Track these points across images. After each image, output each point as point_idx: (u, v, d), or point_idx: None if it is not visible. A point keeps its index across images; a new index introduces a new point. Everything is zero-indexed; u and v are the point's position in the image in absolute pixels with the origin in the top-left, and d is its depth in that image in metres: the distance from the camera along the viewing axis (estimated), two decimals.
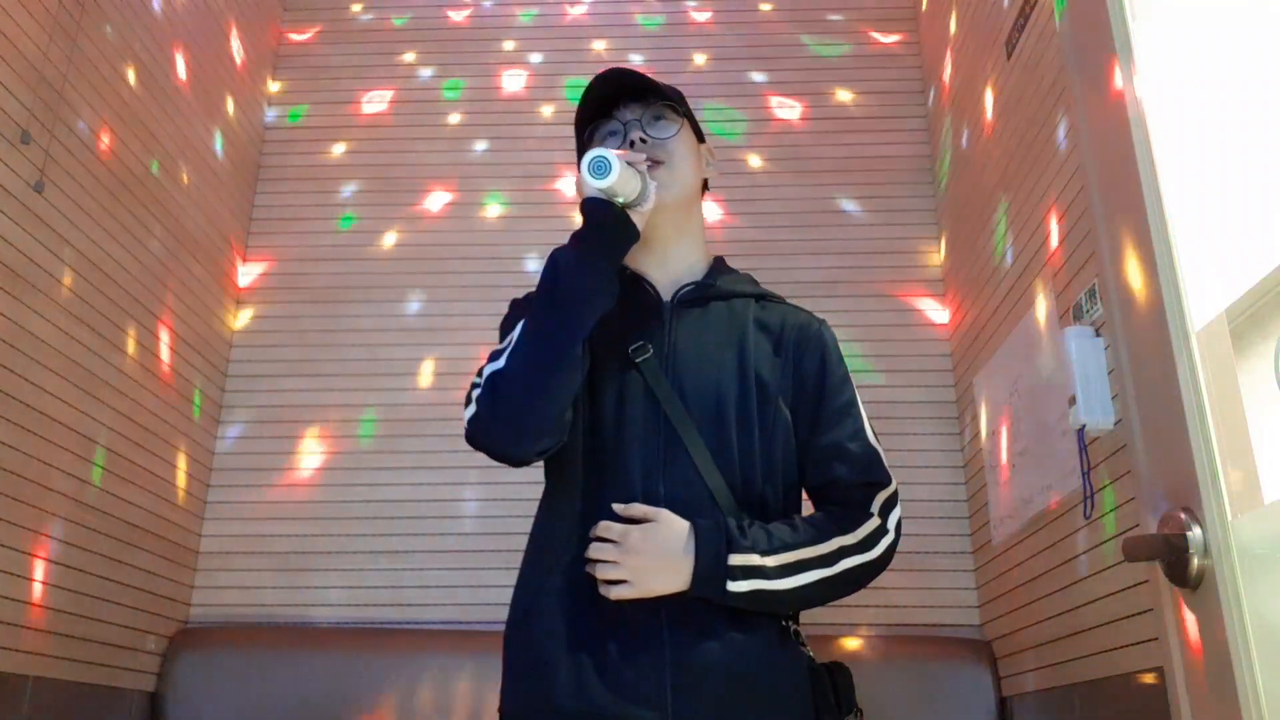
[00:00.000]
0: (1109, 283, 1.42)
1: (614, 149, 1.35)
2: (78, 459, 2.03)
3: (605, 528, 1.21)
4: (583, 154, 1.45)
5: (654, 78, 1.40)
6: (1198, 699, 1.20)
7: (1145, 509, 1.29)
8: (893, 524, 1.27)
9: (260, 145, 2.91)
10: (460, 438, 1.28)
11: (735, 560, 1.18)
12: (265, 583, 2.49)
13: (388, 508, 2.54)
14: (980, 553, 2.36)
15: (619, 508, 1.23)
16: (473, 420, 1.24)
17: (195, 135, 2.54)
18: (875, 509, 1.27)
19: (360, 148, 2.91)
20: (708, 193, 1.51)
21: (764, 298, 1.42)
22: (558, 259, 1.24)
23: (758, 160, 2.84)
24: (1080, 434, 1.67)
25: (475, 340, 2.65)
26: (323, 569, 2.49)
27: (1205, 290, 1.25)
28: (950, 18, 2.65)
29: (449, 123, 2.94)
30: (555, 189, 2.83)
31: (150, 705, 2.26)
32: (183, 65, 2.49)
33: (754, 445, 1.28)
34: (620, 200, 1.23)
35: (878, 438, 1.33)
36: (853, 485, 1.28)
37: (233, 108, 2.74)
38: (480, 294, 2.71)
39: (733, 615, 1.21)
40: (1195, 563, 1.15)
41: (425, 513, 2.54)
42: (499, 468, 2.62)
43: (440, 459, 2.56)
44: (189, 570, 2.47)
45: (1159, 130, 1.30)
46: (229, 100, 2.72)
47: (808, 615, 1.32)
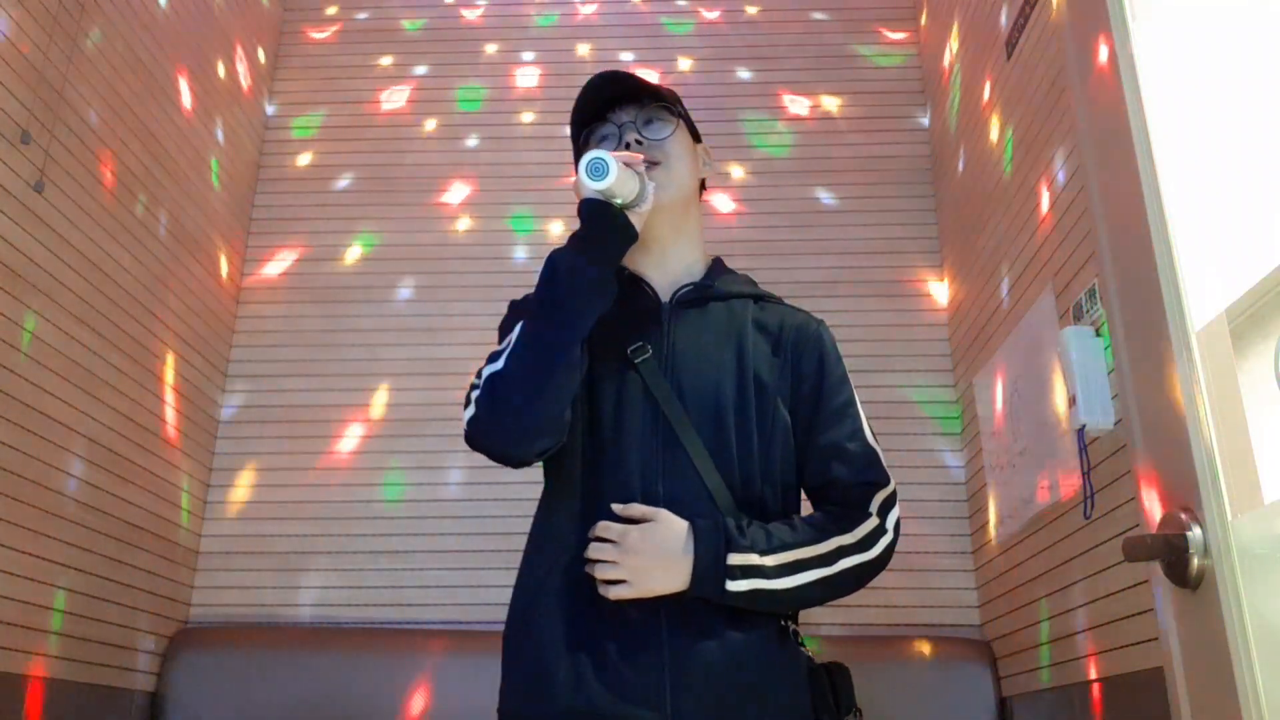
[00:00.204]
0: (1109, 283, 1.42)
1: (610, 151, 1.36)
2: (78, 459, 2.03)
3: (604, 528, 1.21)
4: (579, 157, 1.45)
5: (653, 78, 1.41)
6: (1198, 699, 1.20)
7: (1145, 509, 1.29)
8: (891, 524, 1.27)
9: (260, 145, 2.91)
10: (460, 437, 1.29)
11: (734, 560, 1.18)
12: (265, 583, 2.49)
13: (388, 508, 2.54)
14: (980, 553, 2.36)
15: (618, 508, 1.23)
16: (472, 422, 1.24)
17: (195, 135, 2.54)
18: (874, 509, 1.27)
19: (360, 148, 2.91)
20: (707, 191, 1.51)
21: (762, 298, 1.42)
22: (556, 260, 1.24)
23: (758, 160, 2.84)
24: (1080, 434, 1.67)
25: (475, 340, 2.65)
26: (323, 569, 2.49)
27: (1205, 290, 1.25)
28: (950, 18, 2.65)
29: (449, 123, 2.94)
30: (555, 189, 2.83)
31: (150, 705, 2.26)
32: (183, 66, 2.49)
33: (753, 445, 1.28)
34: (618, 201, 1.23)
35: (876, 438, 1.33)
36: (851, 485, 1.28)
37: (233, 108, 2.74)
38: (480, 294, 2.71)
39: (732, 615, 1.21)
40: (1195, 563, 1.15)
41: (425, 513, 2.54)
42: (499, 468, 2.62)
43: (440, 459, 2.56)
44: (189, 570, 2.47)
45: (1159, 130, 1.31)
46: (229, 100, 2.72)
47: (807, 615, 1.32)
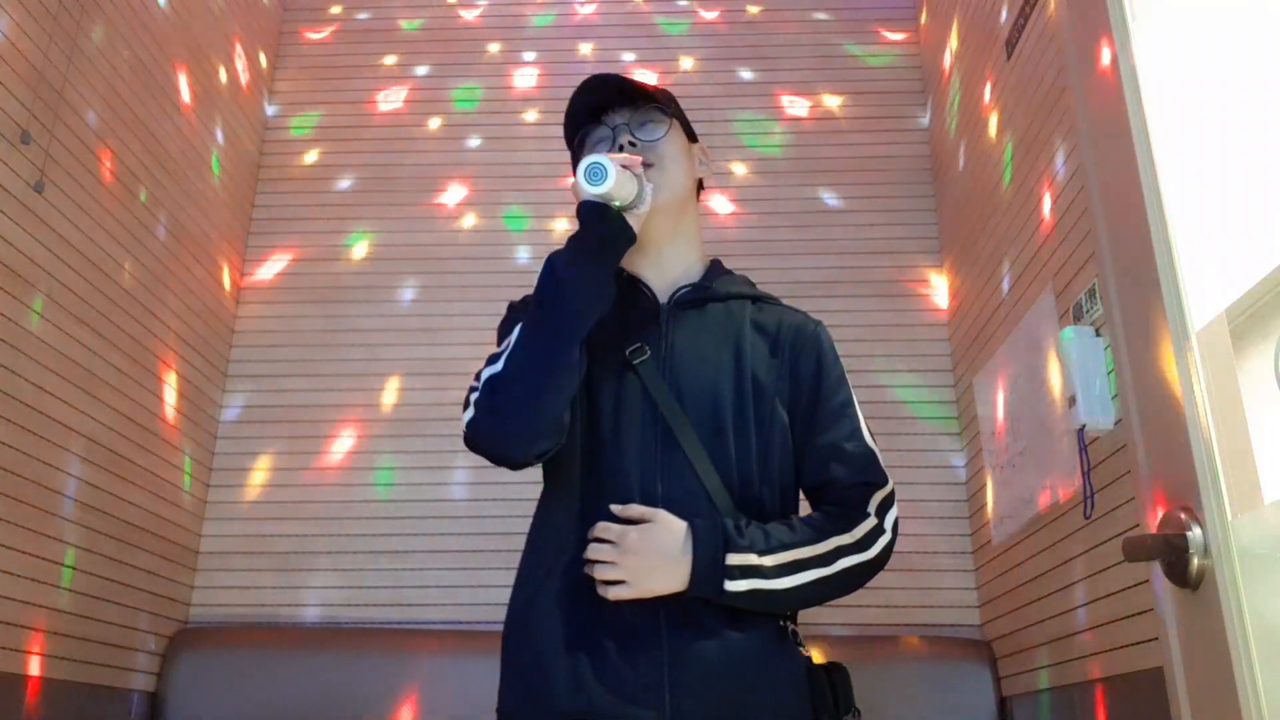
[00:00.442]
0: (1109, 283, 1.42)
1: (607, 154, 1.35)
2: (78, 459, 2.03)
3: (603, 528, 1.21)
4: (575, 159, 1.45)
5: (652, 79, 1.41)
6: (1198, 699, 1.20)
7: (1145, 509, 1.29)
8: (889, 523, 1.27)
9: (260, 145, 2.91)
10: (460, 437, 1.29)
11: (733, 560, 1.18)
12: (265, 583, 2.49)
13: (388, 508, 2.54)
14: (980, 553, 2.36)
15: (617, 508, 1.23)
16: (470, 424, 1.24)
17: (195, 135, 2.54)
18: (872, 509, 1.27)
19: (361, 148, 2.91)
20: (705, 191, 1.51)
21: (760, 299, 1.42)
22: (554, 262, 1.24)
23: (758, 160, 2.84)
24: (1080, 434, 1.67)
25: (475, 340, 2.65)
26: (323, 569, 2.49)
27: (1205, 290, 1.25)
28: (950, 18, 2.65)
29: (449, 123, 2.94)
30: (555, 189, 2.83)
31: (150, 705, 2.26)
32: (183, 65, 2.49)
33: (751, 446, 1.28)
34: (616, 204, 1.23)
35: (874, 438, 1.33)
36: (849, 485, 1.28)
37: (233, 108, 2.74)
38: (480, 294, 2.71)
39: (731, 615, 1.21)
40: (1195, 563, 1.15)
41: (425, 513, 2.54)
42: (499, 468, 2.62)
43: (440, 459, 2.56)
44: (189, 570, 2.47)
45: (1159, 130, 1.31)
46: (229, 100, 2.72)
47: (807, 615, 1.32)
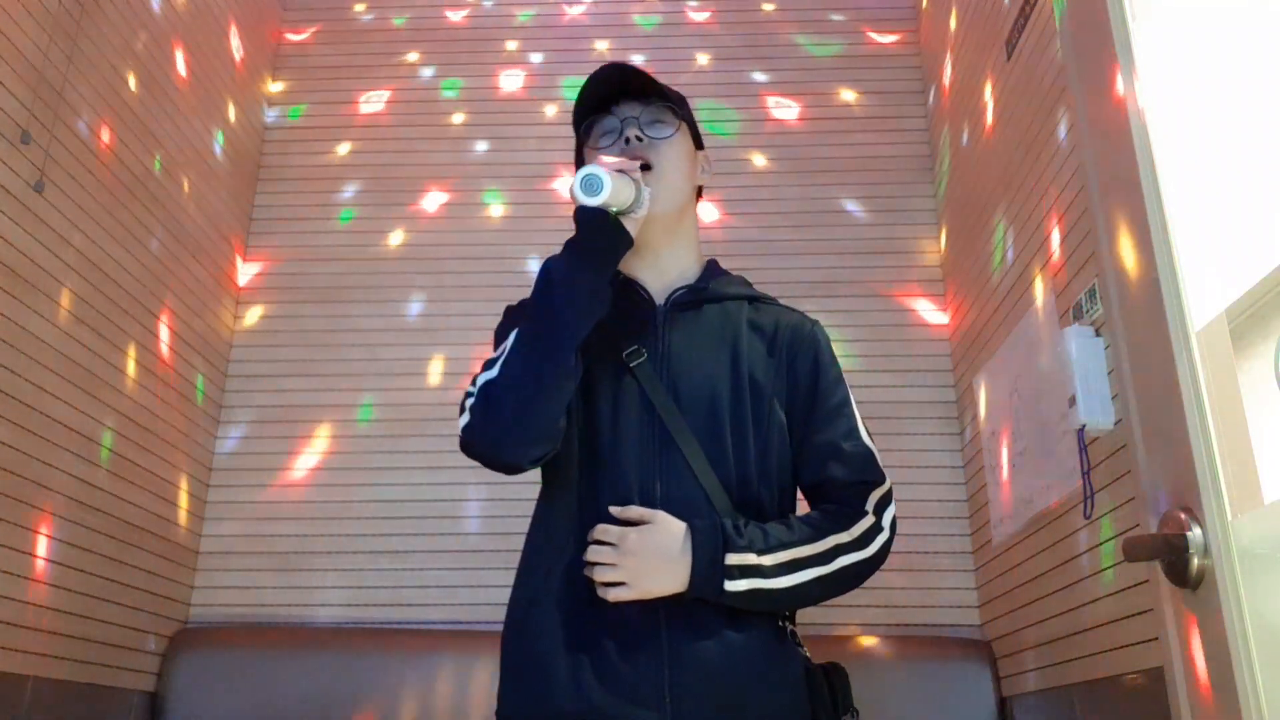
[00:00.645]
0: (1109, 283, 1.42)
1: (609, 148, 1.35)
2: (78, 459, 2.03)
3: (603, 530, 1.22)
4: (580, 149, 1.45)
5: (654, 78, 1.41)
6: (1198, 699, 1.20)
7: (1145, 509, 1.29)
8: (887, 521, 1.28)
9: (260, 145, 2.91)
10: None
11: (732, 560, 1.18)
12: (265, 583, 2.49)
13: (388, 508, 2.54)
14: (980, 553, 2.36)
15: (616, 510, 1.23)
16: (467, 429, 1.24)
17: (195, 135, 2.54)
18: (870, 507, 1.27)
19: (360, 148, 2.91)
20: (703, 194, 1.51)
21: (757, 299, 1.42)
22: (550, 268, 1.25)
23: (758, 160, 2.84)
24: (1080, 434, 1.67)
25: (475, 340, 2.65)
26: (323, 569, 2.49)
27: (1205, 290, 1.25)
28: (950, 18, 2.65)
29: (449, 122, 2.94)
30: (555, 189, 2.83)
31: (150, 705, 2.26)
32: (183, 65, 2.49)
33: (749, 446, 1.29)
34: (614, 209, 1.23)
35: (872, 436, 1.34)
36: (847, 484, 1.29)
37: (233, 108, 2.74)
38: (480, 294, 2.71)
39: (731, 616, 1.21)
40: (1195, 563, 1.15)
41: (425, 513, 2.54)
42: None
43: (441, 459, 2.56)
44: (189, 570, 2.47)
45: (1159, 130, 1.31)
46: (229, 100, 2.72)
47: (807, 615, 1.32)
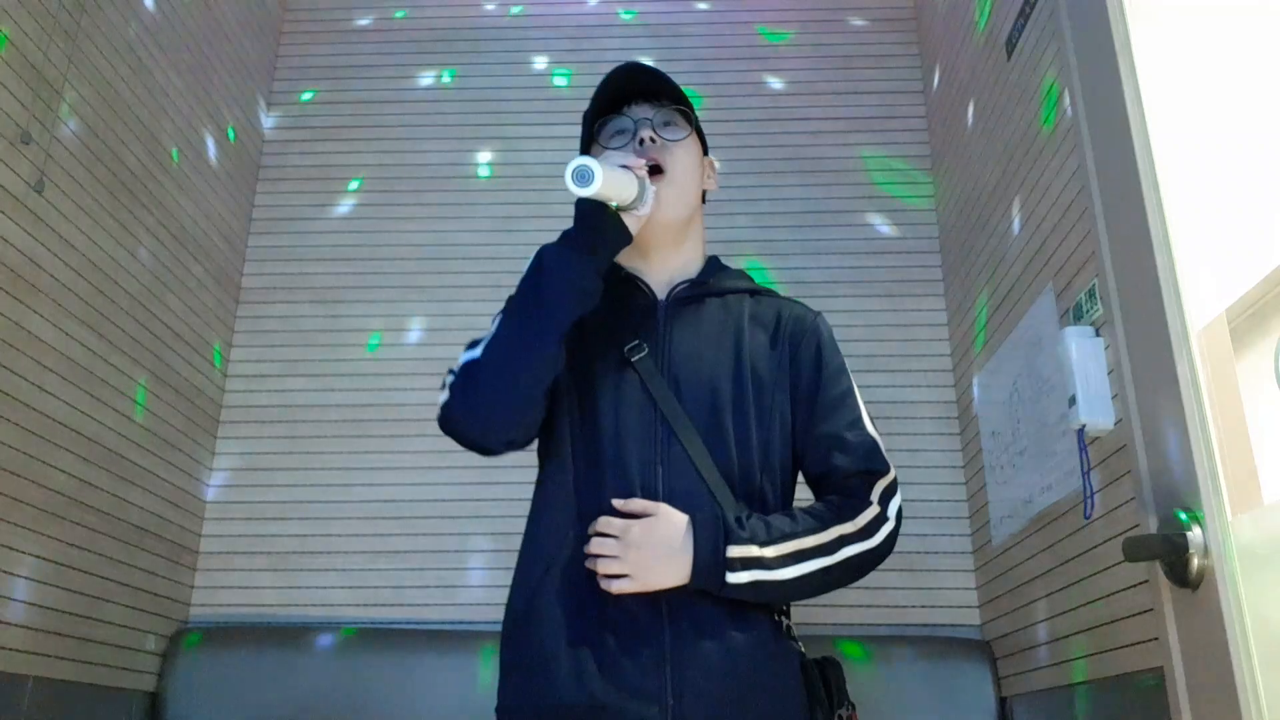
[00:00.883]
0: (1109, 283, 1.42)
1: (623, 149, 1.36)
2: (78, 459, 2.03)
3: (606, 522, 1.22)
4: (586, 145, 1.46)
5: (670, 80, 1.41)
6: (1198, 699, 1.20)
7: (1145, 509, 1.29)
8: (893, 511, 1.28)
9: (260, 145, 2.91)
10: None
11: (733, 552, 1.19)
12: (265, 583, 2.49)
13: (388, 508, 2.54)
14: (980, 553, 2.36)
15: (619, 503, 1.23)
16: (445, 407, 1.28)
17: (195, 135, 2.54)
18: (875, 497, 1.27)
19: (361, 148, 2.91)
20: (706, 199, 1.51)
21: (758, 292, 1.43)
22: (543, 255, 1.26)
23: (757, 160, 2.84)
24: (1080, 434, 1.67)
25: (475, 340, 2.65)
26: (323, 569, 2.49)
27: (1205, 290, 1.25)
28: (950, 18, 2.65)
29: (450, 123, 2.94)
30: (556, 189, 2.83)
31: (150, 705, 2.26)
32: (183, 65, 2.49)
33: (751, 439, 1.29)
34: (615, 204, 1.23)
35: (876, 427, 1.34)
36: (851, 474, 1.29)
37: (233, 107, 2.74)
38: (481, 294, 2.71)
39: (731, 609, 1.21)
40: (1195, 563, 1.15)
41: (425, 513, 2.54)
42: (499, 466, 2.60)
43: (441, 459, 2.56)
44: (189, 570, 2.47)
45: (1159, 130, 1.31)
46: (229, 100, 2.72)
47: (806, 615, 1.33)
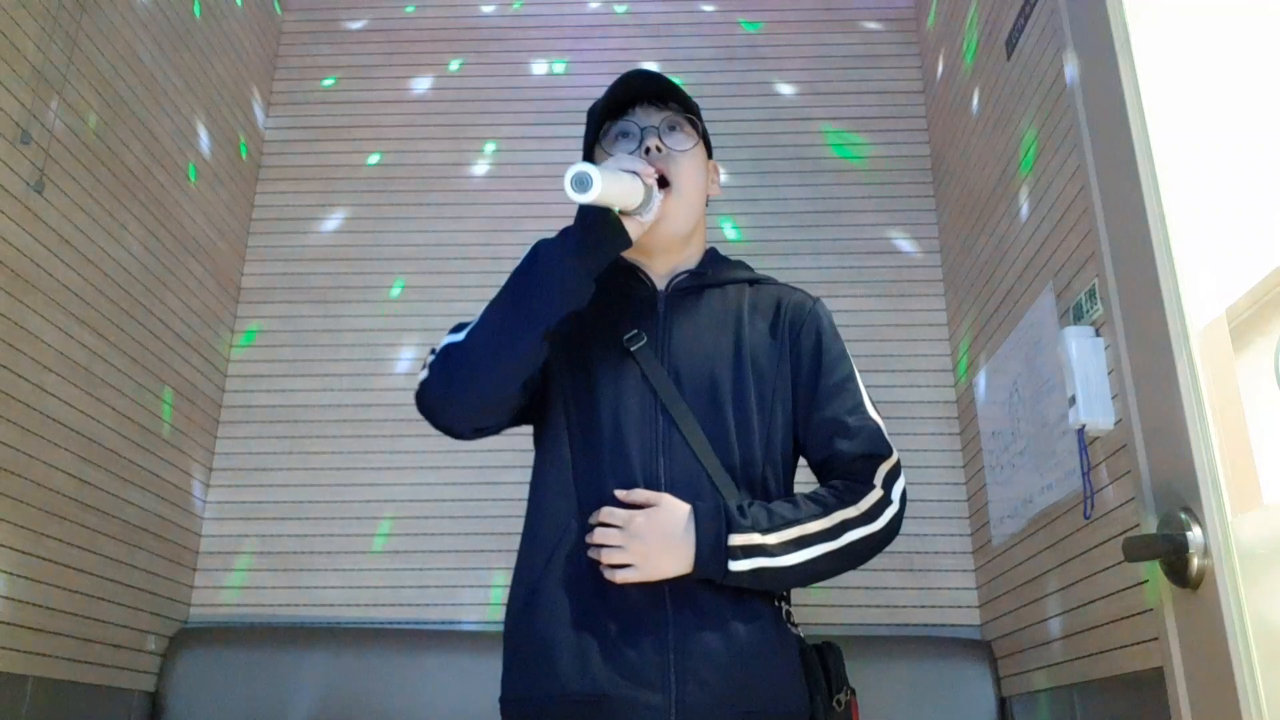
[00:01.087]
0: (1109, 283, 1.42)
1: (627, 154, 1.35)
2: (78, 459, 2.03)
3: (609, 513, 1.22)
4: (590, 147, 1.46)
5: (678, 88, 1.41)
6: (1198, 699, 1.20)
7: (1145, 509, 1.29)
8: (896, 495, 1.28)
9: (260, 145, 2.91)
10: (459, 439, 1.31)
11: (735, 540, 1.19)
12: (265, 583, 2.49)
13: (388, 508, 2.54)
14: (980, 553, 2.36)
15: (621, 494, 1.24)
16: (423, 385, 1.28)
17: (195, 135, 2.54)
18: (878, 481, 1.27)
19: (360, 148, 2.91)
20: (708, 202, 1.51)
21: (757, 281, 1.43)
22: (539, 249, 1.27)
23: (757, 160, 2.84)
24: (1080, 434, 1.67)
25: None
26: (323, 569, 2.49)
27: (1205, 290, 1.25)
28: (950, 18, 2.65)
29: (449, 122, 2.94)
30: (556, 189, 2.82)
31: (150, 705, 2.26)
32: (183, 65, 2.49)
33: (752, 427, 1.29)
34: (618, 209, 1.23)
35: (878, 410, 1.34)
36: (854, 458, 1.29)
37: (233, 107, 2.74)
38: (480, 294, 2.68)
39: (734, 598, 1.22)
40: (1195, 563, 1.15)
41: (425, 513, 2.54)
42: (498, 466, 2.59)
43: (440, 459, 2.56)
44: (189, 570, 2.47)
45: (1159, 130, 1.31)
46: (229, 100, 2.72)
47: (806, 615, 1.33)
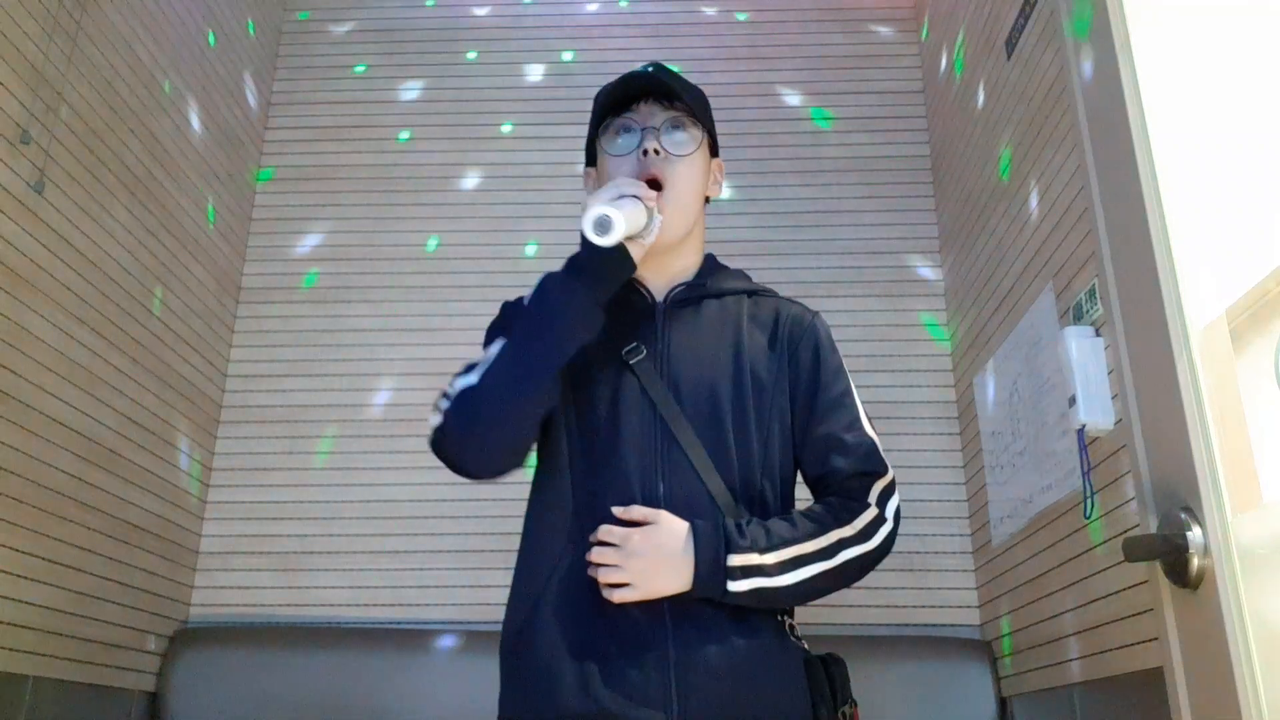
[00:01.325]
0: (1109, 283, 1.42)
1: (626, 156, 1.34)
2: (78, 459, 2.03)
3: (606, 531, 1.21)
4: (592, 141, 1.44)
5: (686, 85, 1.40)
6: (1198, 699, 1.20)
7: (1145, 509, 1.29)
8: (891, 513, 1.27)
9: (260, 145, 2.91)
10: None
11: (734, 561, 1.18)
12: (265, 583, 2.49)
13: (388, 508, 2.54)
14: (980, 553, 2.36)
15: (619, 511, 1.22)
16: (438, 431, 1.24)
17: (195, 135, 2.54)
18: (873, 499, 1.27)
19: (360, 148, 2.91)
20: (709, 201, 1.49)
21: (755, 292, 1.42)
22: (546, 286, 1.24)
23: (757, 160, 2.84)
24: (1080, 434, 1.67)
25: (475, 340, 2.62)
26: (323, 569, 2.49)
27: (1205, 290, 1.25)
28: (950, 17, 2.65)
29: (449, 123, 2.94)
30: (557, 189, 2.83)
31: (150, 705, 2.26)
32: (183, 65, 2.49)
33: (751, 443, 1.28)
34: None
35: (874, 427, 1.33)
36: (850, 475, 1.28)
37: (233, 107, 2.74)
38: (479, 294, 2.71)
39: (735, 614, 1.21)
40: (1195, 563, 1.15)
41: (425, 513, 2.54)
42: None
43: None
44: (189, 570, 2.47)
45: (1159, 130, 1.31)
46: (229, 99, 2.72)
47: (806, 615, 1.32)
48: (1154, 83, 1.33)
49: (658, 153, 1.33)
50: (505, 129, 2.92)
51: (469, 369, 1.26)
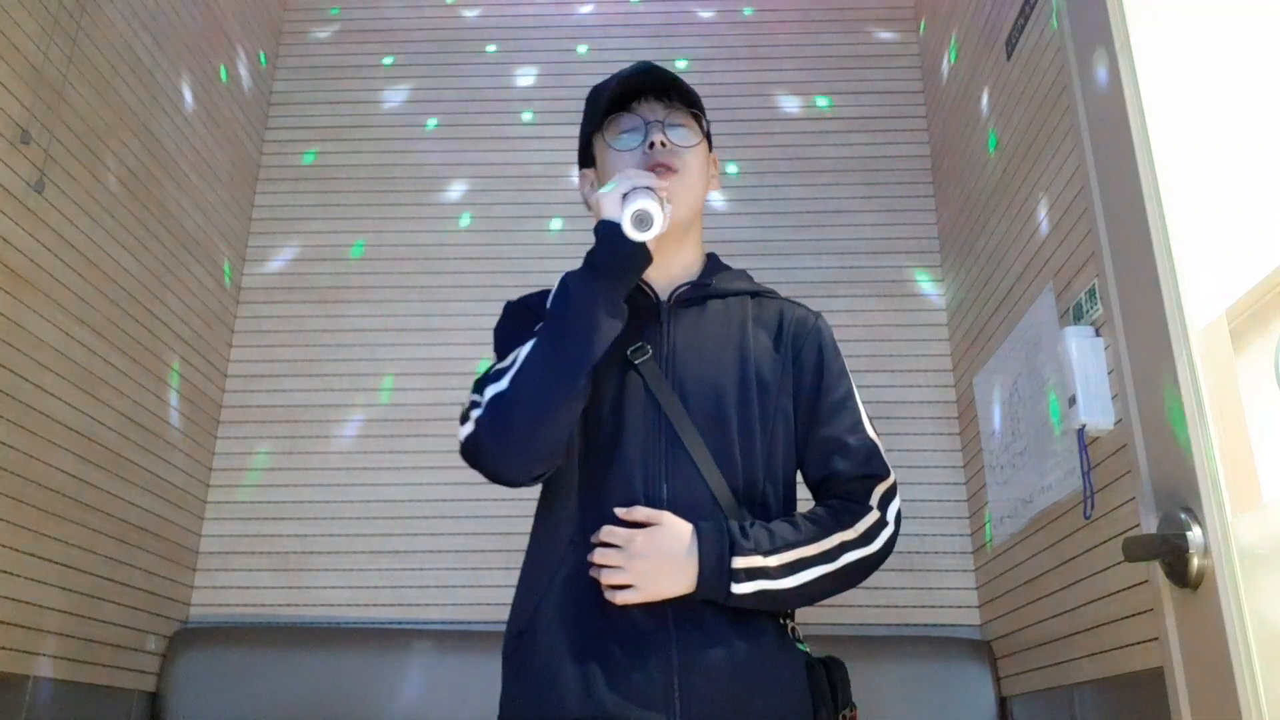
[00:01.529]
0: (1109, 283, 1.42)
1: (631, 151, 1.34)
2: (78, 459, 2.03)
3: (609, 532, 1.21)
4: (588, 138, 1.44)
5: (682, 81, 1.40)
6: (1198, 699, 1.20)
7: (1145, 509, 1.29)
8: (892, 516, 1.28)
9: (260, 145, 2.91)
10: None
11: (738, 563, 1.18)
12: (265, 583, 2.49)
13: (388, 508, 2.54)
14: (980, 553, 2.36)
15: (621, 512, 1.22)
16: (471, 439, 1.23)
17: (195, 135, 2.54)
18: (874, 502, 1.27)
19: (360, 148, 2.91)
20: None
21: (759, 294, 1.42)
22: (568, 284, 1.24)
23: (757, 160, 2.84)
24: (1080, 434, 1.67)
25: (474, 340, 2.65)
26: (323, 569, 2.49)
27: (1205, 290, 1.25)
28: (950, 18, 2.65)
29: (449, 122, 2.94)
30: (554, 189, 2.82)
31: (150, 705, 2.26)
32: (183, 65, 2.49)
33: (755, 444, 1.28)
34: None
35: (876, 430, 1.33)
36: (852, 478, 1.28)
37: (233, 107, 2.74)
38: (479, 294, 2.71)
39: (738, 616, 1.21)
40: (1195, 563, 1.15)
41: (425, 513, 2.54)
42: None
43: (440, 459, 2.56)
44: (189, 570, 2.47)
45: (1159, 130, 1.31)
46: (229, 99, 2.72)
47: (806, 615, 1.32)
48: (1154, 83, 1.33)
49: (664, 145, 1.34)
50: (505, 129, 2.92)
51: (494, 375, 1.24)
